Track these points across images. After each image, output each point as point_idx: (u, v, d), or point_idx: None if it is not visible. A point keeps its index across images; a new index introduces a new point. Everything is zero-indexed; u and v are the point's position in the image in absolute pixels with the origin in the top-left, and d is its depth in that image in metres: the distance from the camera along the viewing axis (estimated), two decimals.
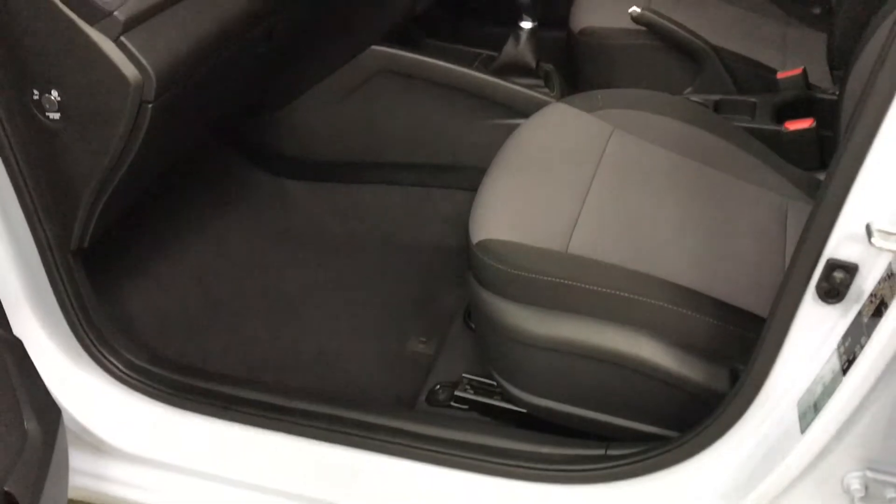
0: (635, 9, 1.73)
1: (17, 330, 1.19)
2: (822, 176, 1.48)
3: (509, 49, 1.77)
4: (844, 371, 0.88)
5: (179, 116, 1.27)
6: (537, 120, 1.47)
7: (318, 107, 1.80)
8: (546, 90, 1.77)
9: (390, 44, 1.74)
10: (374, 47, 1.72)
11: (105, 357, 1.28)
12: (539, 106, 1.56)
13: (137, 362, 1.30)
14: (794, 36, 1.88)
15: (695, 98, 1.69)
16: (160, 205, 1.71)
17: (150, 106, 1.13)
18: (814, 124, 1.55)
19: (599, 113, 1.45)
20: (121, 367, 1.29)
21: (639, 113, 1.47)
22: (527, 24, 1.75)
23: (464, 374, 1.46)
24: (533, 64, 1.77)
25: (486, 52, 1.90)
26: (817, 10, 2.09)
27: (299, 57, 1.69)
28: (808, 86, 1.66)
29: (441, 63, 1.72)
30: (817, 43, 1.83)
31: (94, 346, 1.27)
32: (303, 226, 1.88)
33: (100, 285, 1.33)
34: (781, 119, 1.61)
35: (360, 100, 1.77)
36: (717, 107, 1.68)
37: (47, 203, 1.17)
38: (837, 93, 1.61)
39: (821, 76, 1.70)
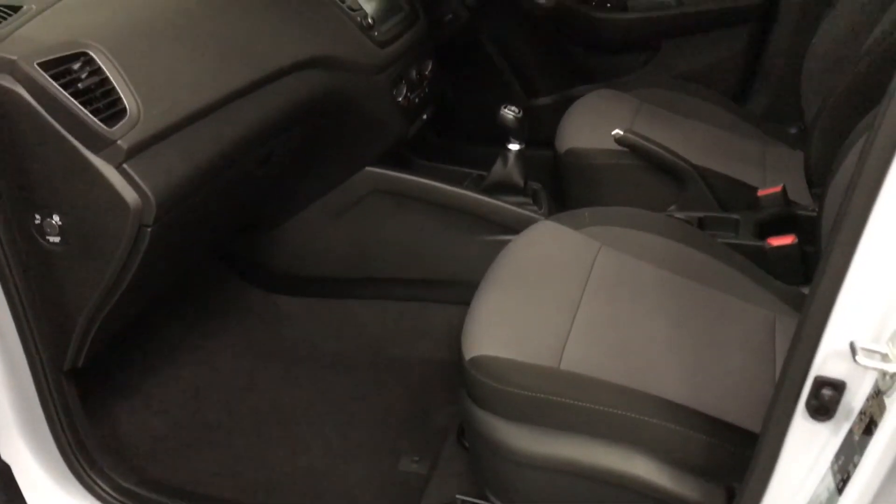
0: (618, 131, 1.79)
1: (6, 453, 1.18)
2: (806, 290, 1.52)
3: (498, 169, 1.83)
4: (840, 490, 0.87)
5: (177, 239, 1.30)
6: (527, 237, 1.50)
7: (312, 225, 1.83)
8: (534, 208, 1.82)
9: (383, 164, 1.80)
10: (367, 168, 1.77)
11: (93, 480, 1.26)
12: (528, 223, 1.60)
13: (126, 485, 1.28)
14: (772, 154, 1.94)
15: (679, 215, 1.73)
16: (152, 321, 1.72)
17: (148, 229, 1.15)
18: (796, 240, 1.58)
19: (587, 230, 1.48)
20: (109, 490, 1.27)
21: (625, 230, 1.50)
22: (514, 147, 1.81)
23: (458, 496, 1.43)
24: (521, 183, 1.82)
25: (475, 172, 1.96)
26: (793, 130, 2.17)
27: (294, 180, 1.74)
28: (788, 202, 1.71)
29: (433, 182, 1.77)
30: (795, 161, 1.89)
31: (83, 468, 1.25)
32: (295, 342, 1.88)
33: (90, 405, 1.32)
34: (764, 235, 1.65)
35: (354, 218, 1.82)
36: (701, 224, 1.72)
37: (43, 325, 1.18)
38: (817, 209, 1.66)
39: (800, 193, 1.75)
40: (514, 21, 2.34)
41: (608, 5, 2.35)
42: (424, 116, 1.92)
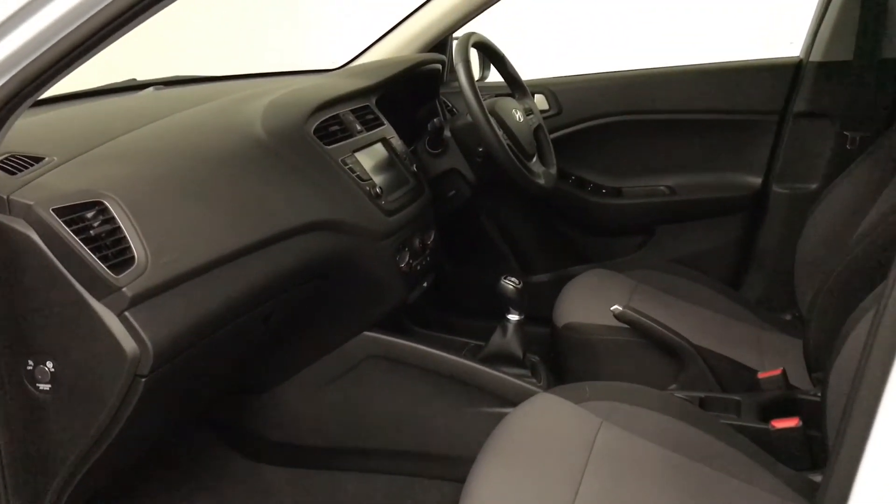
0: (617, 307, 1.80)
1: None
2: (813, 476, 1.47)
3: (497, 339, 1.82)
4: None
5: (170, 393, 1.26)
6: (526, 409, 1.47)
7: (304, 390, 1.79)
8: (533, 380, 1.79)
9: (381, 329, 1.79)
10: (365, 333, 1.76)
11: None
12: (526, 395, 1.57)
13: None
14: (768, 339, 1.94)
15: (679, 395, 1.71)
16: (128, 485, 1.63)
17: (143, 380, 1.13)
18: (800, 423, 1.55)
19: (587, 405, 1.45)
20: None
21: (626, 406, 1.47)
22: (514, 317, 1.82)
23: None
24: (520, 354, 1.81)
25: (473, 342, 1.95)
26: (788, 317, 2.19)
27: (292, 340, 1.72)
28: (789, 386, 1.69)
29: (430, 350, 1.76)
30: (791, 347, 1.89)
31: None
32: None
33: None
34: (766, 417, 1.62)
35: (348, 384, 1.78)
36: (703, 404, 1.69)
37: (19, 477, 1.12)
38: (819, 394, 1.64)
39: (799, 379, 1.74)
40: (513, 200, 2.42)
41: (603, 191, 2.45)
42: (425, 284, 1.94)
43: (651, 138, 2.40)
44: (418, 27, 2.32)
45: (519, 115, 2.02)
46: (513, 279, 1.79)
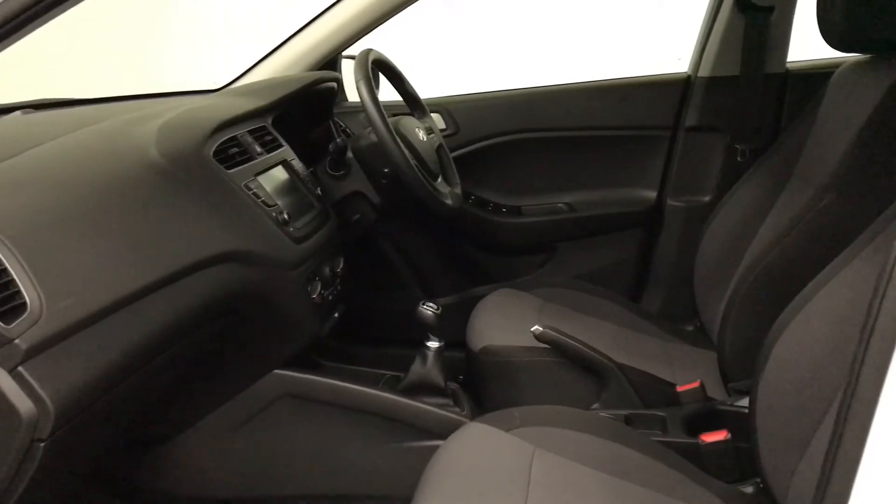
0: (538, 327, 1.76)
1: None
2: (743, 487, 1.48)
3: (417, 368, 1.74)
4: None
5: (71, 457, 1.10)
6: (457, 442, 1.40)
7: (209, 438, 1.65)
8: (456, 409, 1.72)
9: (291, 367, 1.67)
10: (275, 371, 1.64)
11: None
12: (453, 426, 1.50)
13: None
14: (676, 351, 1.96)
15: (603, 414, 1.69)
16: None
17: (41, 445, 0.97)
18: (728, 436, 1.56)
19: (518, 432, 1.40)
20: None
21: (557, 430, 1.43)
22: (434, 344, 1.74)
23: None
24: (442, 383, 1.73)
25: (388, 373, 1.86)
26: (690, 328, 2.23)
27: (197, 384, 1.57)
28: (707, 398, 1.71)
29: (346, 384, 1.65)
30: (698, 357, 1.92)
31: None
32: None
33: None
34: (692, 431, 1.62)
35: (258, 428, 1.65)
36: (628, 421, 1.68)
37: None
38: (739, 404, 1.66)
39: (713, 388, 1.76)
40: (412, 223, 2.36)
41: (503, 210, 2.42)
42: (336, 315, 1.83)
43: (548, 156, 2.40)
44: (305, 46, 2.23)
45: (422, 135, 1.96)
46: (431, 304, 1.71)
